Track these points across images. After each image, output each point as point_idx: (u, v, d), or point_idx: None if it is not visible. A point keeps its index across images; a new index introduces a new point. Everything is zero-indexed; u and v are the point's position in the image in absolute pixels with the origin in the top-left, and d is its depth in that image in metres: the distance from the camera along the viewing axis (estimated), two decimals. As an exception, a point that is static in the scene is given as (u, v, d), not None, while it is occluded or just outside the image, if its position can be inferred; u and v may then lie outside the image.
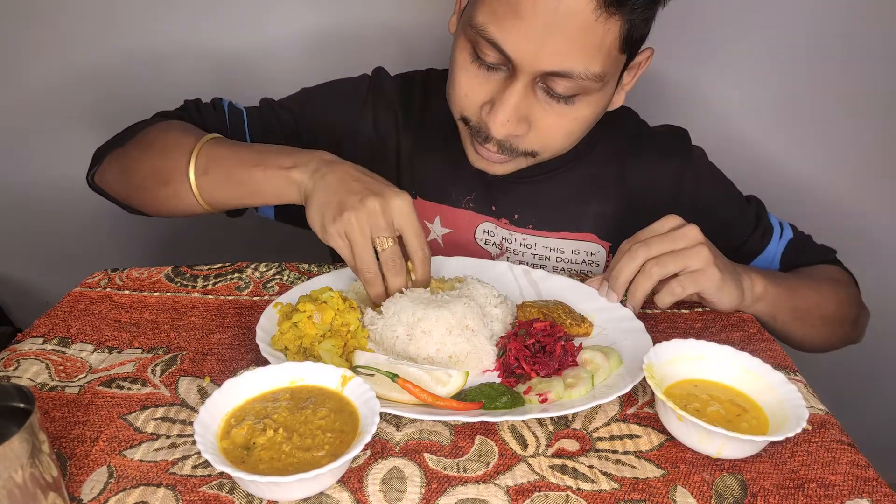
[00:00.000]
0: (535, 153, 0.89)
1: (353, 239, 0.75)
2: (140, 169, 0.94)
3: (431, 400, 0.65)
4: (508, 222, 1.04)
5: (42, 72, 1.45)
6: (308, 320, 0.73)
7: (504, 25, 0.78)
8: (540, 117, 0.85)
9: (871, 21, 1.35)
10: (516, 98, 0.82)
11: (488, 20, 0.79)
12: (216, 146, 0.88)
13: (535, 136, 0.87)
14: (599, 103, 0.86)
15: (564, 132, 0.87)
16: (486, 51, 0.81)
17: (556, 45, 0.77)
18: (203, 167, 0.86)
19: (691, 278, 0.79)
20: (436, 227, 1.05)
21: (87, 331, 0.78)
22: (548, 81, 0.81)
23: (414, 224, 0.77)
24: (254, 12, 1.41)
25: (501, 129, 0.84)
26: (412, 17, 1.40)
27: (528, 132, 0.86)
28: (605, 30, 0.77)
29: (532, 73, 0.80)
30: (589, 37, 0.77)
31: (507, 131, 0.84)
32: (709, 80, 1.43)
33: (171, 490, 0.56)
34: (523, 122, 0.85)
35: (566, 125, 0.86)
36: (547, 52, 0.77)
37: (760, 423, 0.63)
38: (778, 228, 1.05)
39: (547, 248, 1.04)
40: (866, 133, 1.46)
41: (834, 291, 1.00)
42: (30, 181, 1.57)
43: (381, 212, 0.75)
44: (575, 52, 0.77)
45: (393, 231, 0.76)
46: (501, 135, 0.85)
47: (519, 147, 0.88)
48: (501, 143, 0.87)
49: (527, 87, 0.82)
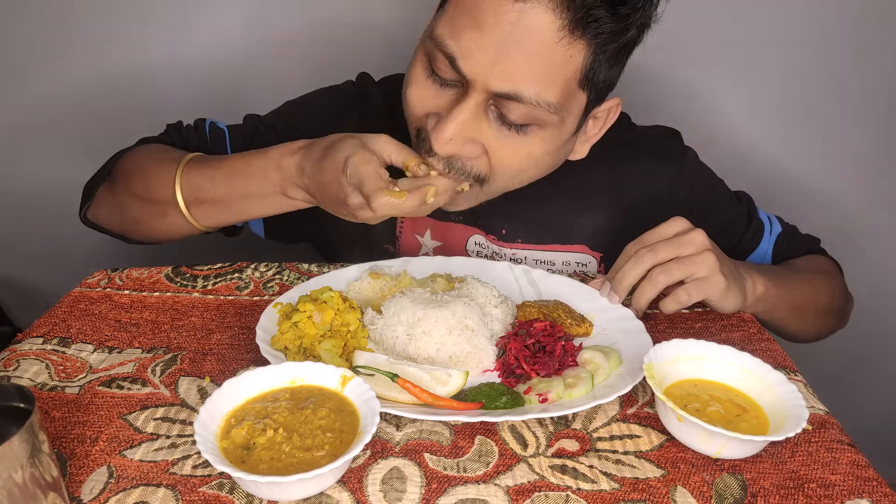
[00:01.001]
0: (482, 178, 0.85)
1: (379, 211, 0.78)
2: (132, 205, 0.95)
3: (431, 400, 0.65)
4: (496, 238, 1.02)
5: (42, 77, 1.45)
6: (308, 320, 0.73)
7: (461, 38, 0.76)
8: (491, 144, 0.81)
9: (868, 20, 1.35)
10: (464, 116, 0.78)
11: (447, 32, 0.77)
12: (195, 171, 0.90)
13: (484, 161, 0.83)
14: (554, 141, 0.83)
15: (515, 162, 0.84)
16: (440, 65, 0.79)
17: (512, 64, 0.74)
18: (191, 198, 0.89)
19: (697, 286, 0.78)
20: (426, 240, 1.04)
21: (87, 331, 0.78)
22: (500, 105, 0.78)
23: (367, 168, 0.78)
24: (239, 18, 1.40)
25: (445, 147, 0.80)
26: (397, 16, 1.40)
27: (480, 155, 0.83)
28: (565, 55, 0.75)
29: (484, 91, 0.77)
30: (547, 59, 0.74)
31: (451, 150, 0.80)
32: (706, 78, 1.43)
33: (171, 490, 0.56)
34: (471, 143, 0.81)
35: (517, 156, 0.83)
36: (501, 70, 0.75)
37: (760, 423, 0.63)
38: (767, 224, 1.05)
39: (537, 262, 1.02)
40: (862, 131, 1.46)
41: (826, 284, 1.01)
42: (30, 181, 1.57)
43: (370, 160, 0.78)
44: (530, 73, 0.75)
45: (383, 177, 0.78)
46: (444, 152, 0.80)
47: (467, 168, 0.83)
48: (449, 162, 0.83)
49: (478, 106, 0.79)
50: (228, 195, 0.88)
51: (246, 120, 1.06)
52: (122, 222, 0.98)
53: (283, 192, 0.86)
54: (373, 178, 0.76)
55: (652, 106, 1.32)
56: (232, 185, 0.87)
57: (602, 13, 0.73)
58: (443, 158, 0.82)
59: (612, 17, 0.74)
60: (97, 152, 1.07)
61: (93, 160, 1.05)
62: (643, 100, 1.24)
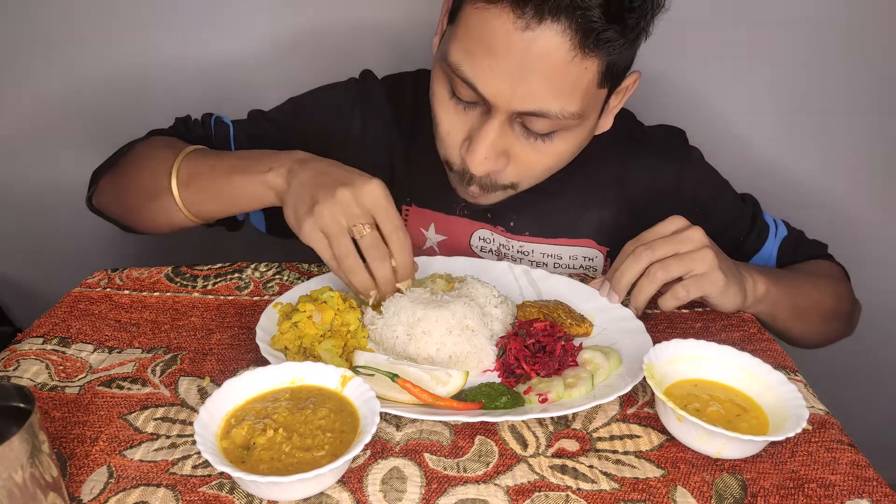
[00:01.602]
0: (514, 185, 0.88)
1: (329, 230, 0.73)
2: (129, 188, 0.94)
3: (431, 400, 0.65)
4: (504, 229, 1.03)
5: (44, 76, 1.45)
6: (308, 320, 0.73)
7: (478, 64, 0.76)
8: (518, 153, 0.84)
9: (869, 21, 1.35)
10: (493, 135, 0.80)
11: (462, 59, 0.78)
12: (196, 157, 0.88)
13: (513, 170, 0.86)
14: (579, 137, 0.85)
15: (543, 167, 0.87)
16: (460, 89, 0.80)
17: (531, 86, 0.75)
18: (185, 180, 0.86)
19: (696, 283, 0.78)
20: (431, 234, 1.05)
21: (87, 331, 0.78)
22: (525, 120, 0.80)
23: (387, 208, 0.74)
24: (242, 18, 1.40)
25: (480, 167, 0.82)
26: (401, 16, 1.40)
27: (506, 166, 0.85)
28: (581, 69, 0.75)
29: (508, 111, 0.78)
30: (564, 78, 0.75)
31: (486, 168, 0.83)
32: (707, 79, 1.43)
33: (171, 490, 0.56)
34: (502, 157, 0.84)
35: (545, 161, 0.85)
36: (521, 93, 0.76)
37: (760, 423, 0.63)
38: (773, 227, 1.05)
39: (544, 255, 1.03)
40: (864, 133, 1.46)
41: (831, 288, 1.00)
42: (30, 181, 1.57)
43: (352, 200, 0.72)
44: (550, 92, 0.76)
45: (369, 218, 0.74)
46: (481, 172, 0.83)
47: (498, 181, 0.87)
48: (481, 182, 0.86)
49: (503, 123, 0.80)
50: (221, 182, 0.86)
51: (250, 115, 1.06)
52: (119, 209, 0.98)
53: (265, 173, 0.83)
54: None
55: (655, 109, 1.32)
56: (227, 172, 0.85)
57: (612, 33, 0.73)
58: (478, 179, 0.85)
59: (622, 31, 0.74)
60: (99, 152, 1.07)
61: (94, 160, 1.05)
62: (646, 103, 1.24)
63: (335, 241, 0.73)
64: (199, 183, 0.86)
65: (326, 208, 0.72)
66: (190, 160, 0.87)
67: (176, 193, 0.86)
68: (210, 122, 1.04)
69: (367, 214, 0.74)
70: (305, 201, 0.74)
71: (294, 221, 0.76)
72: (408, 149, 1.05)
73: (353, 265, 0.74)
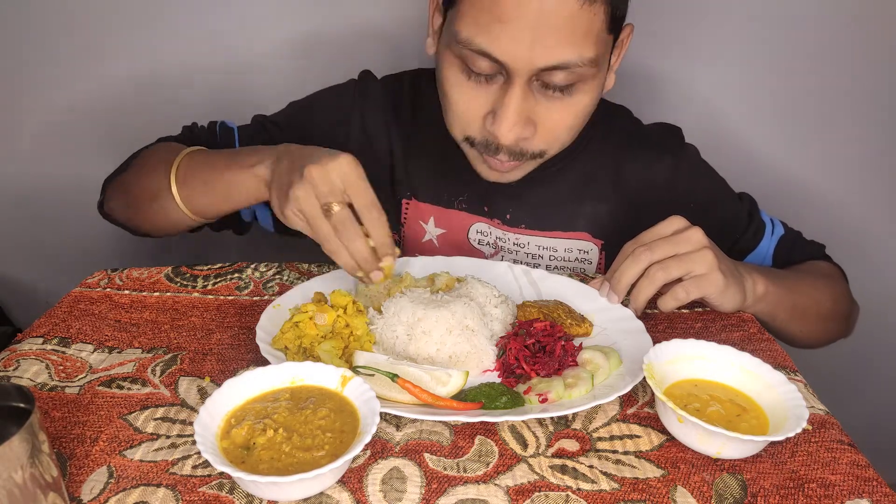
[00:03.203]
0: (542, 153, 0.89)
1: (305, 212, 0.72)
2: (133, 191, 0.96)
3: (431, 400, 0.65)
4: (501, 222, 1.04)
5: (48, 81, 1.45)
6: (309, 321, 0.73)
7: (491, 33, 0.78)
8: (543, 116, 0.85)
9: (865, 18, 1.35)
10: (517, 101, 0.82)
11: (474, 32, 0.79)
12: (194, 155, 0.89)
13: (541, 135, 0.86)
14: (596, 89, 0.86)
15: (568, 125, 0.87)
16: (477, 62, 0.81)
17: (548, 41, 0.77)
18: (182, 177, 0.87)
19: (695, 283, 0.78)
20: (430, 227, 1.06)
21: (87, 331, 0.78)
22: (543, 77, 0.81)
23: (356, 183, 0.72)
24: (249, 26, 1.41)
25: (509, 135, 0.83)
26: (400, 17, 1.40)
27: (535, 133, 0.86)
28: (591, 15, 0.77)
29: (528, 73, 0.80)
30: (577, 26, 0.77)
31: (515, 135, 0.84)
32: (703, 77, 1.43)
33: (171, 490, 0.56)
34: (529, 123, 0.85)
35: (569, 118, 0.86)
36: (540, 50, 0.77)
37: (760, 423, 0.63)
38: (770, 225, 1.06)
39: (539, 247, 1.04)
40: (860, 131, 1.46)
41: (829, 288, 1.00)
42: (30, 181, 1.57)
43: (321, 178, 0.71)
44: (567, 43, 0.78)
45: (341, 196, 0.73)
46: (510, 140, 0.84)
47: (528, 149, 0.88)
48: (511, 149, 0.86)
49: (524, 88, 0.81)
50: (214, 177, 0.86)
51: (254, 120, 1.08)
52: (127, 213, 1.00)
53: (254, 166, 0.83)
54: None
55: (653, 107, 1.32)
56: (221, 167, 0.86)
57: None
58: (507, 148, 0.86)
59: None
60: (101, 153, 1.07)
61: (96, 161, 1.05)
62: (644, 101, 1.24)
63: (313, 223, 0.73)
64: (195, 179, 0.87)
65: (301, 190, 0.72)
66: (189, 159, 0.89)
67: (174, 191, 0.87)
68: (216, 128, 1.05)
69: (339, 191, 0.72)
70: (283, 187, 0.75)
71: (278, 209, 0.76)
72: (407, 145, 1.06)
73: (335, 247, 0.73)
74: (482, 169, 0.93)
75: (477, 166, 0.93)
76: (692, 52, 1.40)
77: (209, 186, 0.86)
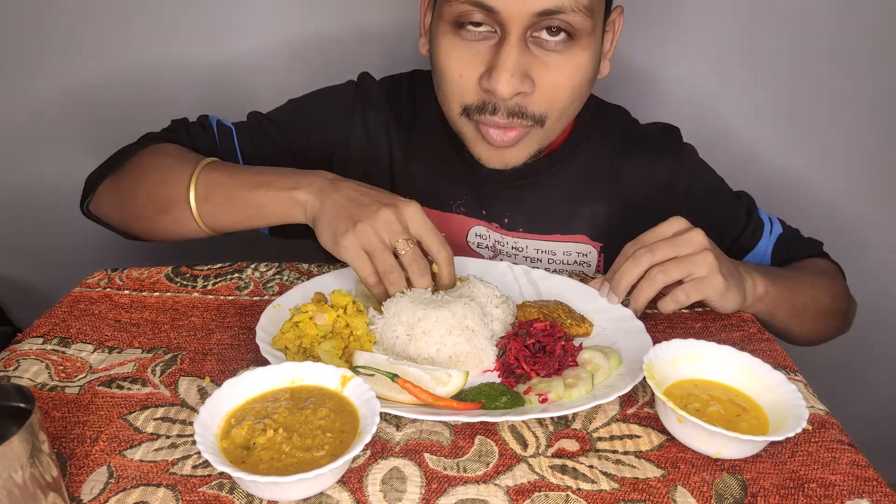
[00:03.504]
0: (542, 117, 0.87)
1: (373, 247, 0.76)
2: (137, 198, 0.94)
3: (431, 400, 0.65)
4: (499, 226, 1.04)
5: (44, 77, 1.45)
6: (309, 321, 0.73)
7: None
8: (541, 73, 0.83)
9: (863, 18, 1.35)
10: (513, 54, 0.80)
11: None
12: (215, 170, 0.89)
13: (540, 95, 0.85)
14: (592, 49, 0.85)
15: (567, 85, 0.85)
16: (472, 16, 0.81)
17: None
18: (203, 193, 0.87)
19: (696, 286, 0.78)
20: None
21: (87, 331, 0.78)
22: (538, 30, 0.81)
23: (431, 228, 0.79)
24: (240, 24, 1.41)
25: (507, 87, 0.81)
26: (395, 21, 1.40)
27: (533, 91, 0.84)
28: None
29: (522, 22, 0.79)
30: None
31: (513, 88, 0.82)
32: (701, 76, 1.43)
33: (171, 490, 0.56)
34: (526, 79, 0.83)
35: (567, 76, 0.85)
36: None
37: (760, 423, 0.63)
38: (768, 224, 1.06)
39: (538, 251, 1.04)
40: (857, 130, 1.46)
41: (828, 286, 1.00)
42: (30, 182, 1.57)
43: (395, 220, 0.77)
44: None
45: (410, 237, 0.78)
46: (508, 93, 0.82)
47: (527, 109, 0.85)
48: (510, 109, 0.84)
49: (520, 42, 0.81)
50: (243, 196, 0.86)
51: (250, 117, 1.07)
52: (122, 217, 0.98)
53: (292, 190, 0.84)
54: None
55: (651, 108, 1.32)
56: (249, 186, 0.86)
57: None
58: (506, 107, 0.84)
59: None
60: (99, 152, 1.07)
61: (94, 160, 1.04)
62: (643, 101, 1.24)
63: (379, 256, 0.77)
64: (219, 198, 0.87)
65: (370, 226, 0.76)
66: (207, 173, 0.88)
67: (193, 206, 0.87)
68: (210, 125, 1.04)
69: (408, 233, 0.78)
70: (344, 220, 0.77)
71: (331, 239, 0.78)
72: (406, 148, 1.05)
73: (398, 279, 0.77)
74: (481, 150, 0.90)
75: (475, 148, 0.91)
76: (690, 51, 1.40)
77: (235, 206, 0.86)
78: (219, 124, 1.04)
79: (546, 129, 0.89)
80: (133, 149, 0.98)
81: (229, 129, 1.04)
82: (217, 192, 0.87)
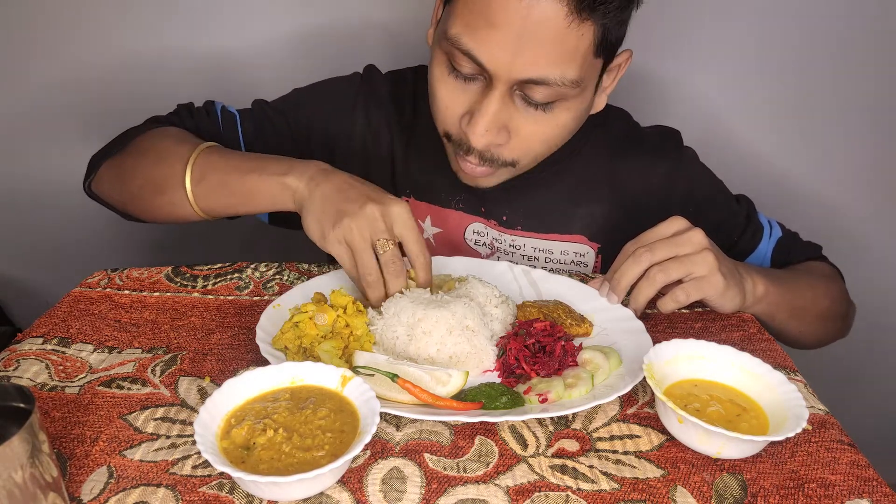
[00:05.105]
0: (514, 162, 0.89)
1: (354, 244, 0.76)
2: (136, 177, 0.94)
3: (431, 400, 0.65)
4: (497, 223, 1.04)
5: (41, 76, 1.45)
6: (309, 321, 0.73)
7: (478, 36, 0.78)
8: (519, 125, 0.85)
9: (861, 20, 1.35)
10: (494, 107, 0.82)
11: (462, 31, 0.79)
12: (212, 154, 0.88)
13: (515, 145, 0.86)
14: (578, 108, 0.86)
15: (544, 139, 0.87)
16: (461, 62, 0.81)
17: (531, 53, 0.77)
18: (199, 176, 0.87)
19: (695, 285, 0.78)
20: (427, 226, 1.06)
21: (87, 331, 0.78)
22: (525, 89, 0.81)
23: (414, 230, 0.78)
24: (245, 14, 1.41)
25: (481, 140, 0.84)
26: (400, 13, 1.40)
27: (508, 141, 0.86)
28: (578, 35, 0.77)
29: (508, 81, 0.80)
30: (562, 43, 0.77)
31: (487, 140, 0.84)
32: (700, 79, 1.43)
33: (171, 490, 0.56)
34: (503, 131, 0.85)
35: (546, 132, 0.86)
36: (522, 61, 0.77)
37: (760, 423, 0.63)
38: (767, 227, 1.06)
39: (536, 249, 1.04)
40: (856, 133, 1.46)
41: (827, 288, 1.01)
42: (30, 181, 1.57)
43: (380, 217, 0.76)
44: (549, 59, 0.77)
45: (392, 236, 0.77)
46: (481, 145, 0.84)
47: (500, 157, 0.87)
48: (482, 154, 0.86)
49: (504, 95, 0.81)
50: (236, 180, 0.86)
51: (254, 105, 1.07)
52: (121, 196, 0.98)
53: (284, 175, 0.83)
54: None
55: (651, 110, 1.32)
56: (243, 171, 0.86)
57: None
58: (478, 152, 0.86)
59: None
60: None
61: (97, 158, 1.05)
62: (643, 104, 1.24)
63: (360, 255, 0.76)
64: (213, 180, 0.86)
65: (354, 222, 0.75)
66: (205, 156, 0.88)
67: (189, 189, 0.87)
68: (215, 111, 1.04)
69: (391, 232, 0.77)
70: (331, 213, 0.77)
71: (318, 231, 0.78)
72: (408, 143, 1.06)
73: (374, 281, 0.77)
74: (458, 169, 0.93)
75: (454, 166, 0.94)
76: (692, 54, 1.40)
77: (228, 189, 0.86)
78: (223, 110, 1.04)
79: (517, 169, 0.91)
80: (137, 130, 0.99)
81: (233, 115, 1.04)
82: (212, 175, 0.87)
